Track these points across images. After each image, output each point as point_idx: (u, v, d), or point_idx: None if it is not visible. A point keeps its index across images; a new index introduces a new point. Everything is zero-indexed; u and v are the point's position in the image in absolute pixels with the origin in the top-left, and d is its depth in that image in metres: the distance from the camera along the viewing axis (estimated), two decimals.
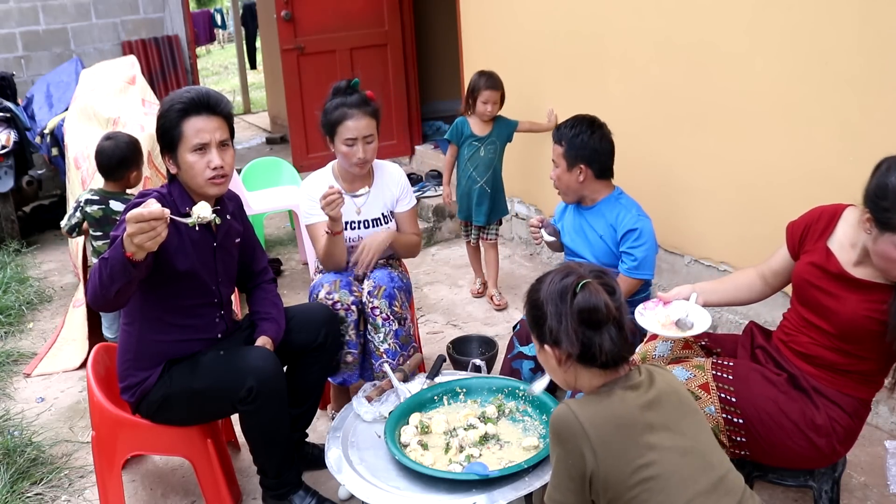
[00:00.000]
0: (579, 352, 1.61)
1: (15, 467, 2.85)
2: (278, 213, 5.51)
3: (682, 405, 1.67)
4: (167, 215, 1.96)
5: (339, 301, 2.81)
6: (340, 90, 2.91)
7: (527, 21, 4.37)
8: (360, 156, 2.86)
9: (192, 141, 2.28)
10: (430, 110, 6.85)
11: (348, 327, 2.83)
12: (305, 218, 2.99)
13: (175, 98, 2.31)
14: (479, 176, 3.94)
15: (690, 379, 2.14)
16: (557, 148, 2.84)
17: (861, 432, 2.13)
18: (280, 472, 2.46)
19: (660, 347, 2.36)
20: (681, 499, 1.54)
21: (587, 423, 1.56)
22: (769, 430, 2.05)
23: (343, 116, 2.84)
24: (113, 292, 2.05)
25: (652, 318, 2.29)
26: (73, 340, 3.84)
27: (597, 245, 2.87)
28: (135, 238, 1.93)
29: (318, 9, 5.69)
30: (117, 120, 4.04)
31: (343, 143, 2.85)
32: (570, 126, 2.83)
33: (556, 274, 1.67)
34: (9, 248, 5.24)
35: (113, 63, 4.94)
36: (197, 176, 2.31)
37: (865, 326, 1.98)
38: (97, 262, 2.07)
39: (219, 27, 17.55)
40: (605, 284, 1.63)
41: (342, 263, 2.92)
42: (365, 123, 2.85)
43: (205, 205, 2.19)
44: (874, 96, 2.58)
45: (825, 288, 2.05)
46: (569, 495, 1.60)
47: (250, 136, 8.72)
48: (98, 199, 3.34)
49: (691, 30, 3.25)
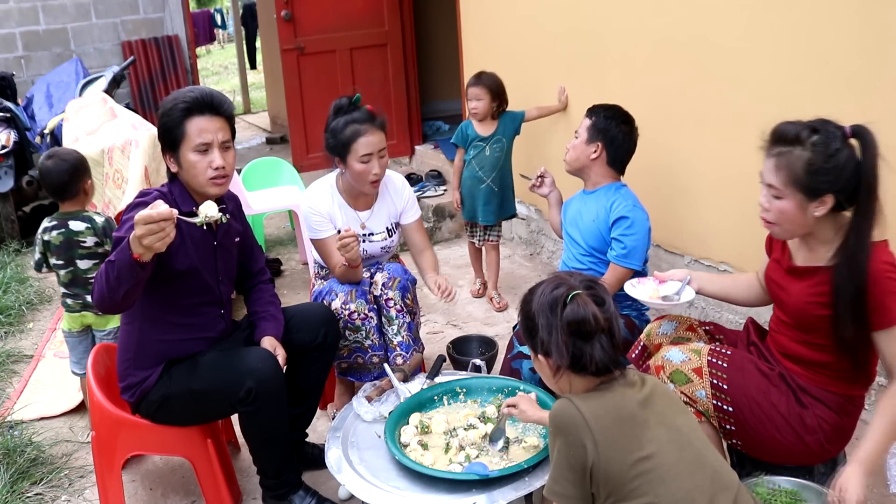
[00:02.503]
0: (569, 362, 1.65)
1: (15, 467, 2.84)
2: (278, 213, 5.51)
3: (673, 404, 1.71)
4: (175, 215, 1.96)
5: (357, 311, 2.81)
6: (343, 108, 2.85)
7: (527, 20, 4.37)
8: (375, 171, 2.81)
9: (194, 141, 2.28)
10: (430, 110, 6.85)
11: (369, 333, 2.84)
12: (311, 232, 2.94)
13: (178, 97, 2.31)
14: (486, 175, 3.94)
15: (684, 362, 2.15)
16: (586, 120, 2.91)
17: (861, 433, 2.12)
18: (280, 472, 2.46)
19: (664, 326, 2.39)
20: (679, 491, 1.56)
21: (588, 415, 1.59)
22: (758, 422, 2.06)
23: (356, 133, 2.78)
24: (121, 294, 2.05)
25: (642, 290, 2.42)
26: (51, 387, 3.52)
27: (589, 229, 2.90)
28: (144, 239, 1.93)
29: (318, 9, 5.69)
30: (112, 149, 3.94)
31: (358, 160, 2.79)
32: (607, 108, 2.91)
33: (548, 285, 1.71)
34: (9, 248, 5.25)
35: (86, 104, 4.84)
36: (198, 176, 2.31)
37: (812, 312, 2.00)
38: (103, 266, 2.06)
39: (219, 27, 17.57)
40: (594, 296, 1.67)
41: (359, 281, 2.90)
42: (378, 138, 2.81)
43: (211, 204, 2.20)
44: (873, 96, 2.58)
45: (780, 282, 2.11)
46: (569, 487, 1.62)
47: (250, 136, 8.72)
48: (56, 224, 2.97)
49: (691, 28, 3.25)
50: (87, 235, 2.96)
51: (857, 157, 1.89)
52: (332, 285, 2.87)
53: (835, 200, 1.90)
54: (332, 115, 2.86)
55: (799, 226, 1.97)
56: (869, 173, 1.86)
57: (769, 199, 1.98)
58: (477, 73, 3.91)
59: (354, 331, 2.82)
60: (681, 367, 2.14)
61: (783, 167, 1.93)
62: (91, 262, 2.99)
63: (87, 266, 2.99)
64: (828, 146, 1.88)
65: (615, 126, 2.87)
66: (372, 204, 2.98)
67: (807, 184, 1.90)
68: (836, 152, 1.88)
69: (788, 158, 1.92)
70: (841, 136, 1.90)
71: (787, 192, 1.93)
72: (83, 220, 2.96)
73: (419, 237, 3.09)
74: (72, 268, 2.98)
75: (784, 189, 1.93)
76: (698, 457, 1.63)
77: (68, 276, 2.99)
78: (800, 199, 1.92)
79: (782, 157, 1.93)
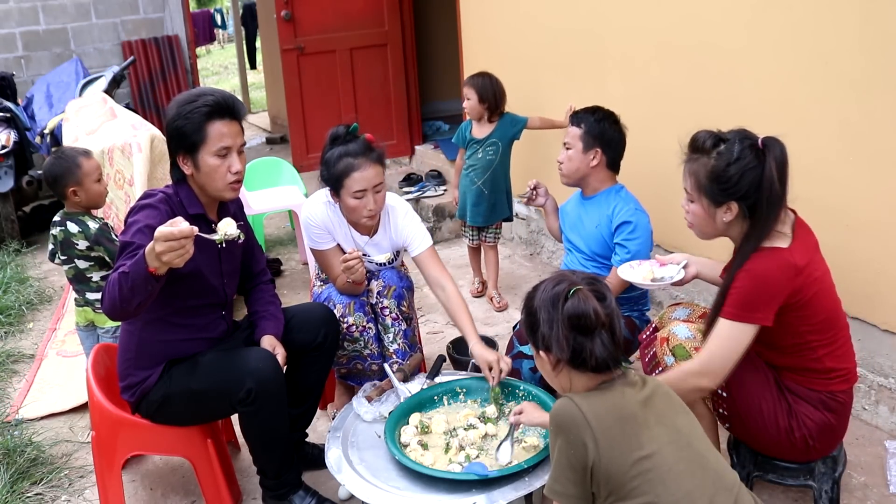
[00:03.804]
0: (569, 356, 1.65)
1: (15, 467, 2.85)
2: (278, 213, 5.51)
3: (673, 404, 1.71)
4: (195, 232, 1.96)
5: (355, 324, 2.80)
6: (339, 137, 2.69)
7: (527, 20, 4.37)
8: (370, 207, 2.66)
9: (216, 144, 2.27)
10: (430, 110, 6.85)
11: (368, 343, 2.84)
12: (311, 242, 2.87)
13: (198, 100, 2.27)
14: (477, 177, 3.94)
15: (689, 339, 2.20)
16: (575, 130, 2.88)
17: (861, 433, 2.13)
18: (280, 472, 2.46)
19: (678, 312, 2.42)
20: (679, 491, 1.56)
21: (589, 414, 1.60)
22: (748, 412, 2.11)
23: (349, 168, 2.62)
24: (134, 305, 2.05)
25: (637, 272, 2.44)
26: (57, 385, 3.52)
27: (591, 235, 2.89)
28: (164, 256, 1.92)
29: (318, 9, 5.69)
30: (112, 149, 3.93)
31: (352, 196, 2.64)
32: (590, 112, 2.89)
33: (550, 282, 1.72)
34: (9, 248, 5.25)
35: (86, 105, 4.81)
36: (218, 180, 2.30)
37: None
38: (116, 276, 2.04)
39: (219, 27, 17.59)
40: (595, 291, 1.68)
41: (360, 294, 2.87)
42: (373, 173, 2.63)
43: (230, 221, 2.19)
44: (874, 96, 2.58)
45: None
46: (569, 486, 1.62)
47: (250, 136, 8.72)
48: (59, 221, 3.04)
49: (691, 29, 3.25)
50: (79, 239, 3.00)
51: (762, 168, 1.94)
52: (331, 294, 2.84)
53: (740, 208, 1.98)
54: (328, 144, 2.70)
55: (711, 229, 2.08)
56: (769, 185, 1.93)
57: (686, 202, 2.10)
58: (475, 73, 3.91)
59: (353, 342, 2.82)
60: (684, 342, 2.19)
61: (692, 173, 2.04)
62: (87, 263, 3.05)
63: (85, 266, 3.06)
64: (731, 156, 1.96)
65: (608, 127, 2.86)
66: (372, 232, 2.86)
67: (709, 190, 2.00)
68: (736, 162, 1.95)
69: (696, 165, 2.03)
70: (749, 147, 1.97)
71: (696, 196, 2.04)
72: (77, 224, 3.01)
73: (433, 269, 2.81)
74: (73, 265, 3.06)
75: (693, 194, 2.05)
76: (699, 457, 1.63)
77: (71, 272, 3.08)
78: (706, 204, 2.03)
79: (692, 164, 2.04)
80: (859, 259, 2.71)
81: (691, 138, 2.08)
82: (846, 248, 2.74)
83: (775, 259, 1.96)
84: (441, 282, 2.78)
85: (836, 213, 2.75)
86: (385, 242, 2.89)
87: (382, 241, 2.89)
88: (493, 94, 3.87)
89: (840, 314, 2.11)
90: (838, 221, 2.75)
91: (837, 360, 2.07)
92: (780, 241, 1.98)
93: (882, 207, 2.62)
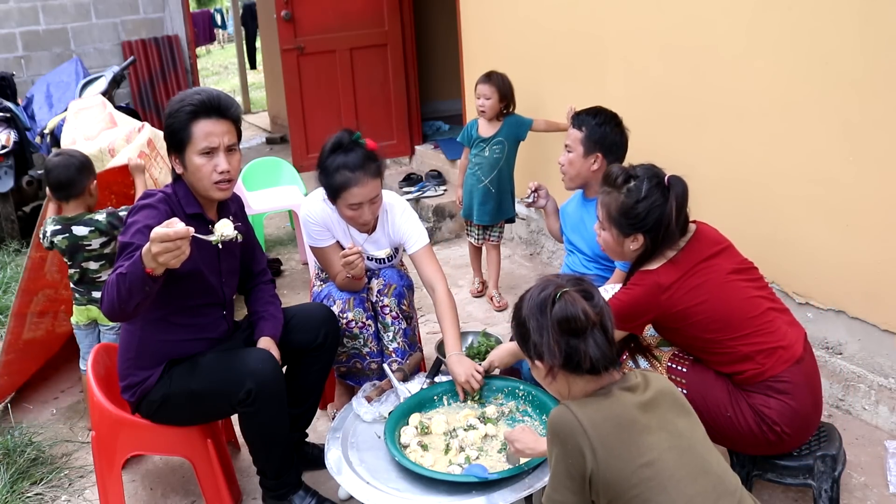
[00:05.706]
0: (562, 361, 1.63)
1: (15, 467, 2.85)
2: (278, 213, 5.51)
3: (676, 407, 1.68)
4: (191, 233, 1.95)
5: (354, 320, 2.80)
6: (342, 145, 2.64)
7: (527, 21, 4.37)
8: (366, 218, 2.69)
9: (200, 144, 2.27)
10: (430, 110, 6.85)
11: (367, 340, 2.84)
12: (310, 240, 2.88)
13: (185, 99, 2.29)
14: (484, 175, 3.94)
15: (653, 336, 2.34)
16: (576, 133, 2.87)
17: (861, 433, 2.13)
18: (280, 472, 2.46)
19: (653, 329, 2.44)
20: (681, 497, 1.54)
21: (586, 422, 1.57)
22: (717, 420, 2.14)
23: (347, 183, 2.60)
24: (132, 306, 2.05)
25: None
26: None
27: (593, 236, 2.87)
28: (160, 257, 1.92)
29: (318, 9, 5.68)
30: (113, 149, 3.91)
31: (348, 207, 2.66)
32: (592, 114, 2.88)
33: (535, 289, 1.71)
34: (9, 248, 5.25)
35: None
36: (203, 179, 2.30)
37: None
38: (115, 277, 2.05)
39: (219, 27, 17.60)
40: (582, 291, 1.66)
41: (360, 290, 2.87)
42: (370, 188, 2.62)
43: (226, 222, 2.18)
44: (874, 96, 2.58)
45: None
46: (568, 495, 1.60)
47: (250, 136, 8.73)
48: (61, 228, 2.93)
49: (692, 30, 3.24)
50: (91, 238, 2.94)
51: (665, 205, 2.14)
52: (331, 291, 2.85)
53: (644, 238, 2.18)
54: (329, 150, 2.66)
55: (620, 255, 2.28)
56: (667, 221, 2.14)
57: (599, 230, 2.30)
58: (487, 72, 3.91)
59: (352, 338, 2.82)
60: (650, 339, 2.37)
61: (604, 205, 2.24)
62: (98, 263, 3.00)
63: (95, 267, 3.00)
64: (639, 194, 2.16)
65: (610, 131, 2.83)
66: (370, 230, 2.87)
67: (619, 223, 2.20)
68: (644, 199, 2.15)
69: (608, 199, 2.22)
70: (656, 185, 2.16)
71: (607, 226, 2.25)
72: (86, 225, 2.94)
73: (426, 268, 2.82)
74: (79, 269, 3.00)
75: (605, 223, 2.25)
76: (700, 461, 1.61)
77: (76, 275, 3.02)
78: (615, 234, 2.23)
79: (604, 196, 2.24)
80: (859, 259, 2.71)
81: (604, 173, 2.30)
82: (846, 248, 2.74)
83: (643, 280, 2.18)
84: (433, 283, 2.79)
85: (836, 213, 2.75)
86: (383, 240, 2.91)
87: (381, 238, 2.90)
88: (511, 91, 3.90)
89: (745, 308, 2.14)
90: (838, 221, 2.75)
91: (752, 345, 2.11)
92: (655, 263, 2.18)
93: (882, 207, 2.62)
